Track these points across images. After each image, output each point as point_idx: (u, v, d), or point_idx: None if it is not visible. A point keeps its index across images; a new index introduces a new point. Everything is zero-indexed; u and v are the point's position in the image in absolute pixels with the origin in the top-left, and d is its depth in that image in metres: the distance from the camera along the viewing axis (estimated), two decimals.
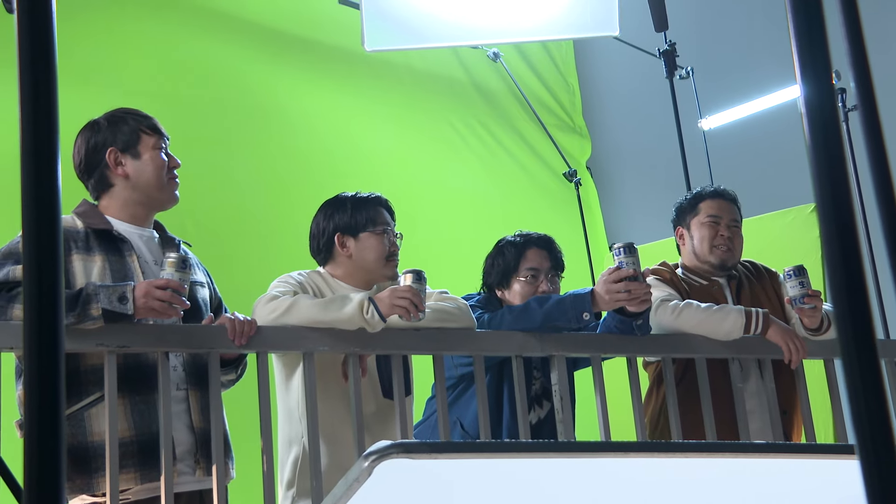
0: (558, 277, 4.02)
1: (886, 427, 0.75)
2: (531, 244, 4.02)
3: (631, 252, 3.59)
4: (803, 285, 3.81)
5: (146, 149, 3.32)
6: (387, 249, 3.60)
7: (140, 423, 3.09)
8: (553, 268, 4.00)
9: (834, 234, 0.79)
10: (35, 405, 0.68)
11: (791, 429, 4.03)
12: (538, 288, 3.92)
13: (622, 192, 7.65)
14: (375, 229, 3.59)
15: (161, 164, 3.33)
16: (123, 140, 3.31)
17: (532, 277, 3.95)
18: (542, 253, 4.01)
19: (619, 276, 3.55)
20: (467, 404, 3.80)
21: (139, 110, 3.42)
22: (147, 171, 3.31)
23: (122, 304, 2.98)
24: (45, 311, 0.68)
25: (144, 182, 3.31)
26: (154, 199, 3.34)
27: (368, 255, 3.59)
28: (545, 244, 4.04)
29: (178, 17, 5.73)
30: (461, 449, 1.26)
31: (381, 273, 3.59)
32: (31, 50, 0.66)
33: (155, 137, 3.34)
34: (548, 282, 3.95)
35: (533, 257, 3.99)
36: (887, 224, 0.84)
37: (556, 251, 4.05)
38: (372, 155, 6.28)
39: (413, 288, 3.33)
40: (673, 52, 5.87)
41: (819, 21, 0.84)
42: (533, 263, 3.98)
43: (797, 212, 5.51)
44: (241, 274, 4.89)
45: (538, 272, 3.97)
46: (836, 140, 0.82)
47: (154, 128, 3.37)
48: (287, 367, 3.52)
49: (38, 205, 0.69)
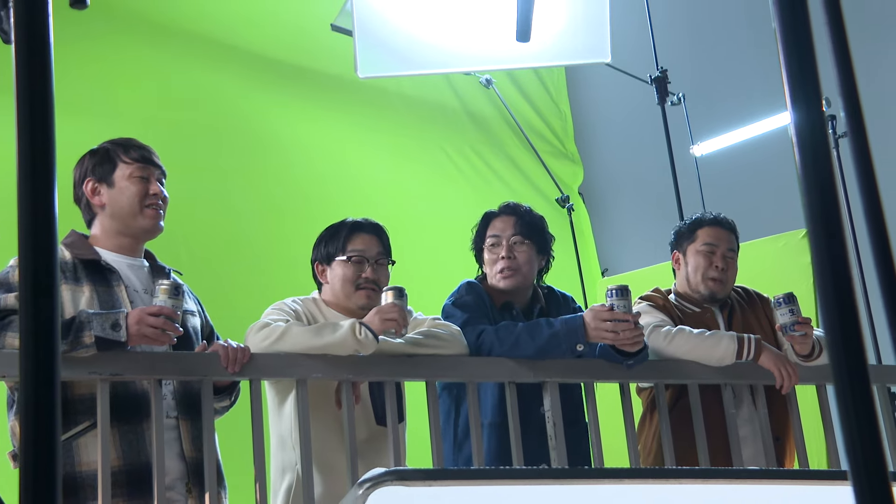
0: (526, 243, 3.89)
1: (878, 452, 0.75)
2: (497, 213, 3.98)
3: (623, 295, 3.58)
4: (793, 312, 3.82)
5: (121, 177, 3.32)
6: (355, 277, 3.58)
7: (129, 453, 3.08)
8: (517, 233, 3.90)
9: (826, 259, 0.79)
10: (31, 436, 0.68)
11: (784, 455, 4.02)
12: (499, 255, 3.86)
13: (614, 217, 7.66)
14: (342, 256, 3.59)
15: (135, 191, 3.31)
16: (100, 170, 3.33)
17: (493, 245, 3.90)
18: (505, 220, 3.94)
19: (613, 315, 3.54)
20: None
21: (135, 140, 3.42)
22: (121, 199, 3.31)
23: (115, 331, 2.97)
24: (42, 342, 0.69)
25: (119, 210, 3.31)
26: (131, 227, 3.33)
27: (336, 284, 3.59)
28: (509, 210, 3.97)
29: (172, 47, 5.74)
30: (454, 476, 1.26)
31: (350, 302, 3.58)
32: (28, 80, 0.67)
33: (133, 166, 3.33)
34: (507, 247, 3.86)
35: (496, 224, 3.94)
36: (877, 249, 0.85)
37: (522, 213, 3.95)
38: (365, 182, 6.29)
39: (396, 304, 3.35)
40: (664, 79, 5.89)
41: (809, 49, 0.85)
42: (494, 230, 3.93)
43: (788, 237, 5.52)
44: (234, 301, 4.89)
45: (499, 238, 3.90)
46: (826, 166, 0.83)
47: (138, 158, 3.36)
48: (279, 395, 3.51)
49: (35, 233, 0.69)
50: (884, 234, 0.86)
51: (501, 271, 3.86)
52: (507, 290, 3.87)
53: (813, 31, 0.87)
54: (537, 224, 3.97)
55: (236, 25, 6.07)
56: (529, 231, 3.92)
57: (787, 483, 1.36)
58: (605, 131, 7.81)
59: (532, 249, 3.91)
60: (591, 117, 7.83)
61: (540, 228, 3.97)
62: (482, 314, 3.75)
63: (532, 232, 3.93)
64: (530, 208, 4.03)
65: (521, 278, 3.88)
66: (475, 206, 6.84)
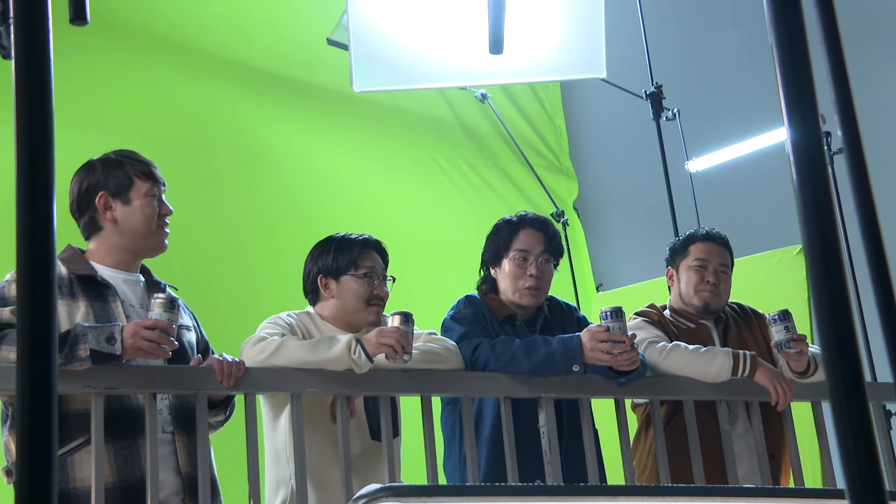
0: (552, 263, 3.90)
1: (875, 470, 0.75)
2: (525, 224, 3.92)
3: (618, 317, 3.58)
4: (788, 330, 3.82)
5: (137, 195, 3.29)
6: (368, 293, 3.59)
7: (123, 469, 3.07)
8: (546, 251, 3.88)
9: (822, 276, 0.79)
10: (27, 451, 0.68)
11: (779, 472, 4.02)
12: (527, 270, 3.84)
13: (609, 232, 7.66)
14: (356, 272, 3.58)
15: (151, 212, 3.30)
16: (115, 185, 3.28)
17: (521, 259, 3.86)
18: (535, 235, 3.90)
19: (609, 336, 3.54)
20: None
21: (137, 154, 3.39)
22: (136, 218, 3.29)
23: (110, 344, 2.97)
24: (39, 357, 0.68)
25: (132, 229, 3.29)
26: (141, 245, 3.32)
27: (348, 299, 3.58)
28: (540, 225, 3.93)
29: (165, 59, 5.74)
30: (449, 492, 1.26)
31: (361, 317, 3.58)
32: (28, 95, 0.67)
33: (149, 184, 3.31)
34: (537, 266, 3.85)
35: (525, 238, 3.90)
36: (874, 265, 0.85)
37: (551, 233, 3.92)
38: (360, 195, 6.29)
39: (400, 329, 3.32)
40: (659, 94, 5.90)
41: (805, 65, 0.85)
42: (523, 245, 3.88)
43: (783, 253, 5.52)
44: (229, 315, 4.88)
45: (528, 254, 3.86)
46: (823, 183, 0.83)
47: (149, 174, 3.33)
48: (274, 409, 3.51)
49: (33, 247, 0.69)
50: (880, 251, 0.86)
51: (529, 288, 3.84)
52: (527, 306, 3.87)
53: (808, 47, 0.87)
54: (560, 241, 3.99)
55: (232, 39, 6.08)
56: (557, 250, 3.93)
57: (783, 501, 1.36)
58: (599, 146, 7.82)
59: (554, 267, 3.94)
60: (586, 132, 7.84)
61: (561, 246, 3.99)
62: (480, 328, 3.74)
63: (558, 251, 3.95)
64: (553, 222, 4.03)
65: (543, 296, 3.90)
66: (469, 220, 6.87)
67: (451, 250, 6.59)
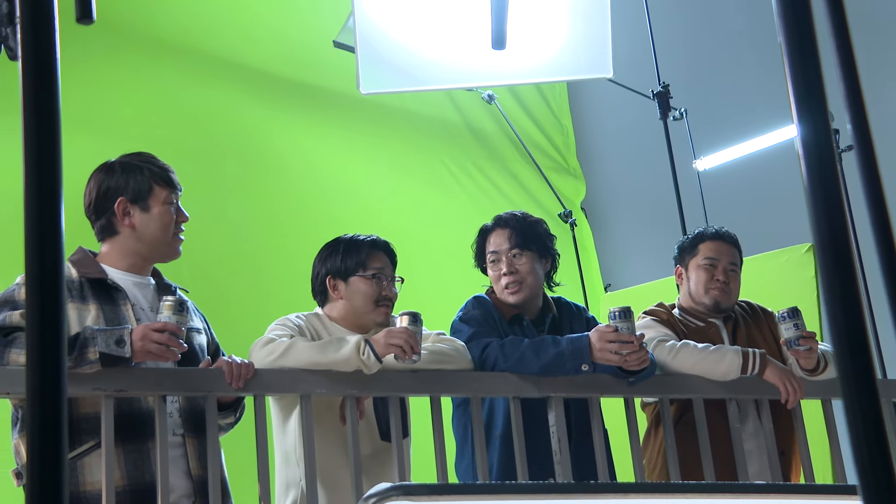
0: (526, 254, 3.86)
1: (888, 466, 0.75)
2: (493, 227, 3.95)
3: (626, 317, 3.58)
4: (798, 327, 3.81)
5: (157, 202, 3.28)
6: (376, 294, 3.59)
7: (133, 472, 3.07)
8: (515, 246, 3.86)
9: (832, 274, 0.79)
10: (37, 454, 0.68)
11: (789, 470, 4.01)
12: (501, 270, 3.84)
13: (617, 232, 7.65)
14: (365, 273, 3.58)
15: (169, 220, 3.30)
16: (135, 190, 3.27)
17: (493, 262, 3.89)
18: (501, 234, 3.91)
19: (618, 337, 3.54)
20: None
21: (156, 158, 3.37)
22: (154, 225, 3.28)
23: (120, 347, 2.97)
24: (48, 359, 0.68)
25: (149, 236, 3.28)
26: (156, 252, 3.33)
27: (357, 300, 3.58)
28: (504, 223, 3.93)
29: (173, 63, 5.75)
30: (460, 491, 1.25)
31: (369, 318, 3.58)
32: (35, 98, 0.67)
33: (167, 191, 3.30)
34: (508, 263, 3.84)
35: (493, 240, 3.92)
36: (885, 262, 0.84)
37: (520, 227, 3.90)
38: (367, 197, 6.29)
39: (409, 329, 3.32)
40: (666, 94, 5.90)
41: (815, 61, 0.85)
42: (493, 247, 3.91)
43: (792, 251, 5.51)
44: (237, 318, 4.88)
45: (497, 255, 3.88)
46: (833, 180, 0.82)
47: (168, 180, 3.32)
48: (284, 410, 3.51)
49: (41, 251, 0.69)
50: (891, 248, 0.85)
51: (507, 287, 3.85)
52: (516, 304, 3.87)
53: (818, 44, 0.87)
54: (533, 230, 3.94)
55: (239, 42, 6.08)
56: (526, 240, 3.89)
57: (794, 498, 1.35)
58: (607, 146, 7.81)
59: (533, 257, 3.88)
60: (593, 132, 7.84)
61: (536, 234, 3.93)
62: (490, 328, 3.74)
63: (529, 240, 3.89)
64: (524, 214, 4.00)
65: (528, 290, 3.87)
66: (477, 222, 6.84)
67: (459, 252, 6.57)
